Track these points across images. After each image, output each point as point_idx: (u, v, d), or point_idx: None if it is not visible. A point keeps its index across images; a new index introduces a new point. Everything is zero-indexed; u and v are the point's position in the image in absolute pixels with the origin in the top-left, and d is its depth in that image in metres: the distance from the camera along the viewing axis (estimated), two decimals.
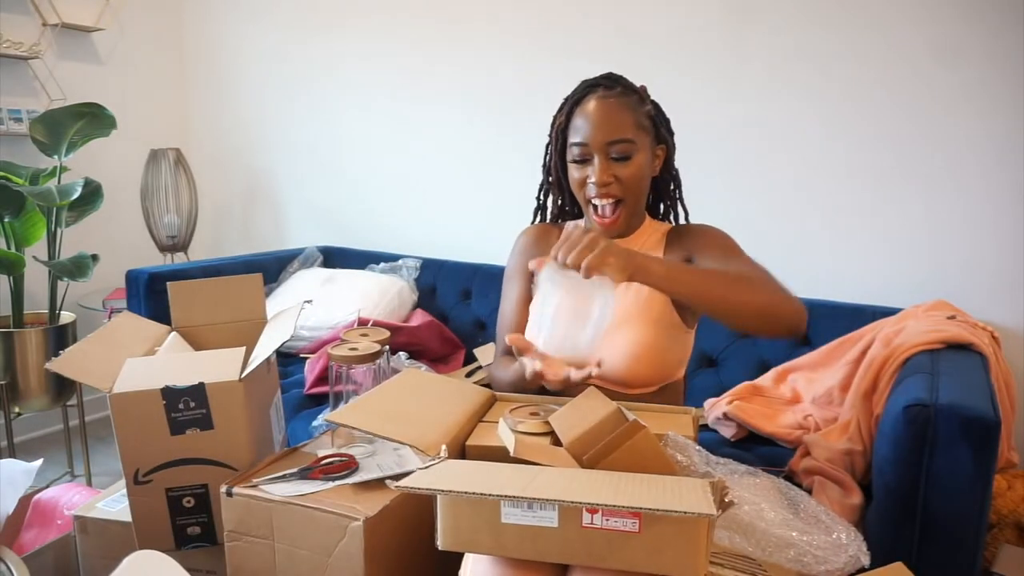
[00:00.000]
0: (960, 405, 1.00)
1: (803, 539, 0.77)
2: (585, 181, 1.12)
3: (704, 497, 0.65)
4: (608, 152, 1.09)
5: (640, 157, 1.11)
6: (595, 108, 1.11)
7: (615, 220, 1.13)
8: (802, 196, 1.79)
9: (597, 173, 1.09)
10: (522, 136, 2.18)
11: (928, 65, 1.60)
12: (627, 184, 1.10)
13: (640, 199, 1.16)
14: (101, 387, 0.98)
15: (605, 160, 1.10)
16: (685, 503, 0.63)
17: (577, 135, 1.12)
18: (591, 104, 1.12)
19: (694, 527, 0.65)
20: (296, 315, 1.18)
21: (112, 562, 0.86)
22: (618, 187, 1.10)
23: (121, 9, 2.74)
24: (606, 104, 1.11)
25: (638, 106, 1.13)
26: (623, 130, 1.09)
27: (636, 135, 1.10)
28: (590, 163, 1.11)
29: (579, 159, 1.12)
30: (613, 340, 1.11)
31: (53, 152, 2.26)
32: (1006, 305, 1.58)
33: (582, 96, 1.15)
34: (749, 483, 0.87)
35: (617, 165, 1.10)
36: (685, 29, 1.87)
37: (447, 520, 0.71)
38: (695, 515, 0.61)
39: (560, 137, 1.18)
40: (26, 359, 2.21)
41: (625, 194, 1.11)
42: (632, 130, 1.10)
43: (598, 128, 1.09)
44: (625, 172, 1.10)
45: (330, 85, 2.60)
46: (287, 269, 2.43)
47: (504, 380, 1.17)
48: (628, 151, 1.09)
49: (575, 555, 0.68)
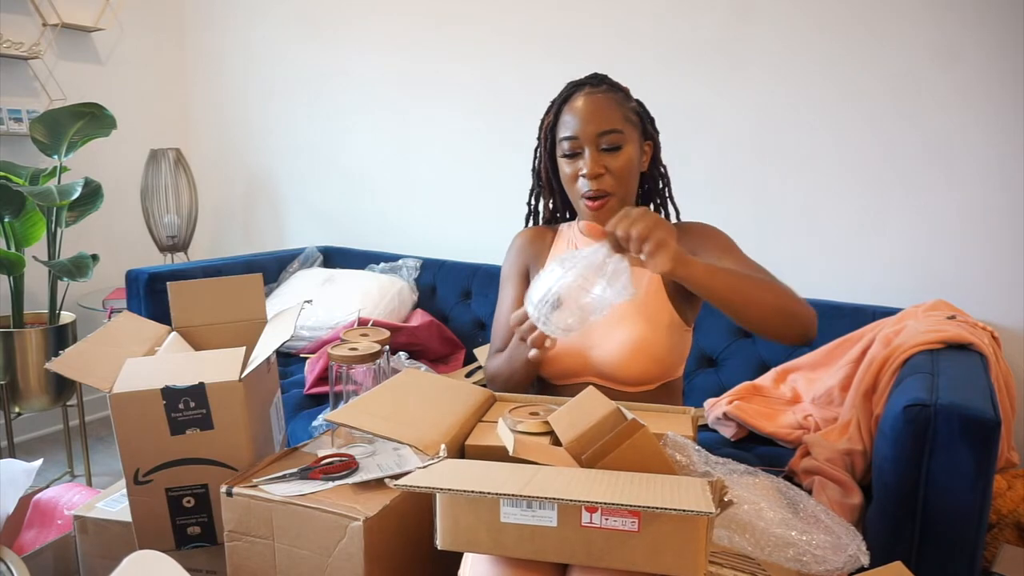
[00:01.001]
0: (960, 405, 1.00)
1: (802, 538, 0.77)
2: (577, 175, 1.13)
3: (703, 496, 0.65)
4: (599, 143, 1.10)
5: (629, 149, 1.12)
6: (584, 103, 1.12)
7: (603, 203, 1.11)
8: (801, 196, 1.79)
9: (588, 164, 1.10)
10: (522, 137, 2.18)
11: (929, 65, 1.60)
12: (618, 175, 1.11)
13: (631, 192, 1.16)
14: (101, 387, 0.98)
15: (596, 151, 1.10)
16: (684, 502, 0.63)
17: (567, 129, 1.13)
18: (579, 100, 1.13)
19: (693, 526, 0.65)
20: (296, 315, 1.18)
21: (112, 562, 0.86)
22: (610, 179, 1.11)
23: (121, 9, 2.75)
24: (594, 98, 1.12)
25: (624, 101, 1.15)
26: (612, 121, 1.10)
27: (624, 127, 1.11)
28: (581, 156, 1.12)
29: (570, 153, 1.13)
30: (612, 337, 1.11)
31: (53, 152, 2.26)
32: (1006, 305, 1.58)
33: (569, 94, 1.16)
34: (748, 483, 0.87)
35: (607, 156, 1.10)
36: (684, 31, 1.87)
37: (446, 520, 0.71)
38: (694, 513, 0.61)
39: (548, 137, 1.19)
40: (26, 359, 2.21)
41: (616, 187, 1.11)
42: (621, 122, 1.11)
43: (588, 120, 1.10)
44: (616, 163, 1.10)
45: (331, 85, 2.60)
46: (287, 269, 2.43)
47: (501, 367, 1.16)
48: (618, 141, 1.10)
49: (574, 554, 0.68)
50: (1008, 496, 1.33)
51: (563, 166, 1.15)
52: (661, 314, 1.13)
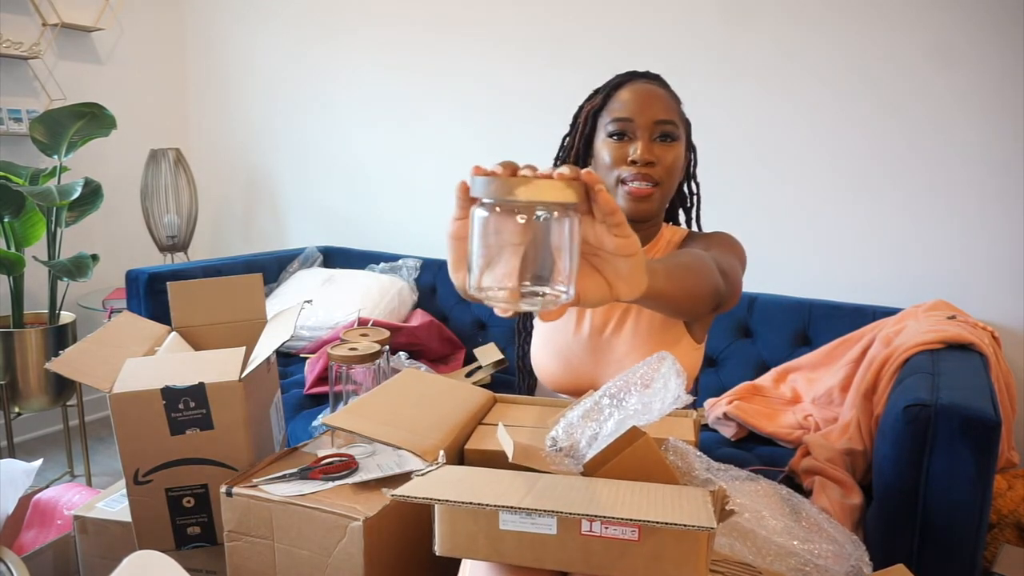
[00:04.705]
0: (960, 405, 1.00)
1: (804, 547, 0.77)
2: (624, 159, 1.02)
3: (704, 508, 0.65)
4: (653, 132, 1.02)
5: (680, 146, 1.05)
6: (643, 88, 1.06)
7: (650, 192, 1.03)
8: (802, 196, 1.79)
9: (641, 149, 1.01)
10: (521, 137, 2.19)
11: (929, 66, 1.60)
12: (668, 168, 1.02)
13: (671, 192, 1.08)
14: (101, 387, 0.98)
15: (649, 140, 1.02)
16: (686, 515, 0.63)
17: (622, 111, 1.04)
18: (638, 85, 1.07)
19: (694, 537, 0.64)
20: (296, 315, 1.18)
21: (112, 562, 0.86)
22: (660, 170, 1.02)
23: (121, 9, 2.75)
24: (653, 87, 1.06)
25: (678, 103, 1.09)
26: (670, 112, 1.04)
27: (680, 124, 1.06)
28: (631, 141, 1.03)
29: (618, 133, 1.03)
30: (616, 356, 1.07)
31: (53, 152, 2.26)
32: (1006, 305, 1.58)
33: (624, 81, 1.09)
34: (750, 489, 0.86)
35: (661, 147, 1.02)
36: (680, 38, 1.88)
37: (444, 526, 0.71)
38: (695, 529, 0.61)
39: (589, 122, 1.10)
40: (26, 359, 2.21)
41: (664, 178, 1.03)
42: (677, 117, 1.06)
43: (647, 105, 1.03)
44: (668, 155, 1.03)
45: (331, 85, 2.60)
46: (287, 269, 2.43)
47: None
48: (674, 132, 1.03)
49: (573, 563, 0.68)
50: (1008, 496, 1.33)
51: (607, 149, 1.05)
52: (669, 330, 1.07)
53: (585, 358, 1.08)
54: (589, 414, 0.79)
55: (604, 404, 0.79)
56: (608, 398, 0.79)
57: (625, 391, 0.78)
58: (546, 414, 1.00)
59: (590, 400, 0.82)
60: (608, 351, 1.07)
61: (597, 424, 0.78)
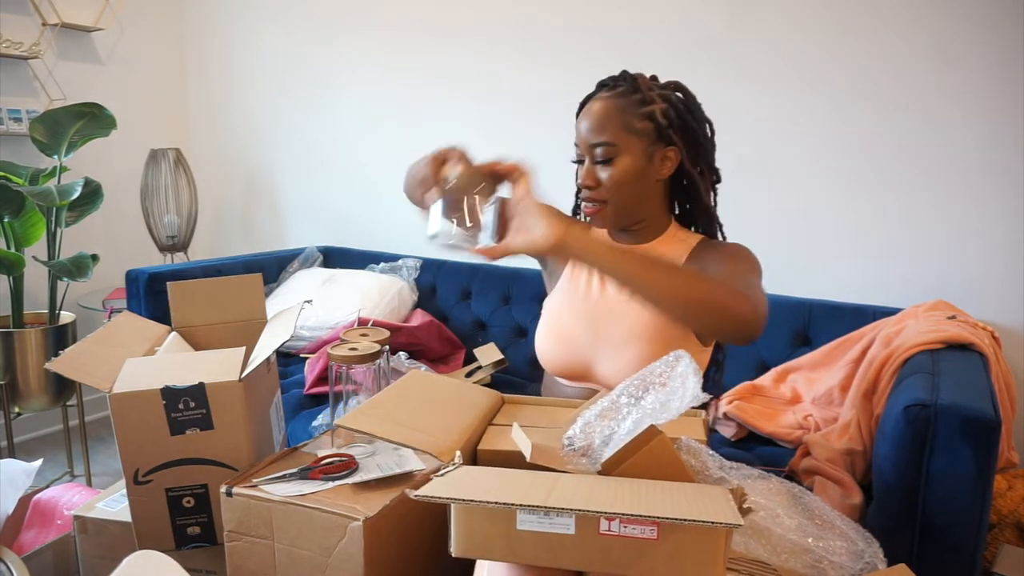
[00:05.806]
0: (960, 405, 1.00)
1: (819, 545, 0.77)
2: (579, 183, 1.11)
3: (728, 506, 0.65)
4: (593, 155, 1.07)
5: (625, 160, 1.06)
6: (586, 110, 1.10)
7: (598, 211, 1.09)
8: (802, 196, 1.79)
9: (581, 174, 1.09)
10: (521, 138, 2.18)
11: (929, 66, 1.60)
12: (608, 187, 1.07)
13: (628, 203, 1.09)
14: (101, 387, 0.98)
15: (591, 162, 1.08)
16: (709, 512, 0.63)
17: (576, 137, 1.11)
18: (588, 106, 1.10)
19: (713, 535, 0.64)
20: (296, 315, 1.18)
21: (112, 562, 0.86)
22: (603, 190, 1.08)
23: (121, 9, 2.75)
24: (596, 105, 1.09)
25: (634, 107, 1.07)
26: (604, 133, 1.06)
27: (620, 137, 1.06)
28: (583, 163, 1.10)
29: (576, 159, 1.12)
30: (620, 359, 1.08)
31: (53, 152, 2.26)
32: (1006, 305, 1.58)
33: (584, 102, 1.13)
34: (762, 487, 0.86)
35: (600, 167, 1.07)
36: (678, 39, 1.88)
37: (461, 527, 0.70)
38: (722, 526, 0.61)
39: None
40: (26, 359, 2.21)
41: (610, 195, 1.08)
42: (616, 132, 1.06)
43: (587, 129, 1.08)
44: (606, 175, 1.07)
45: (331, 85, 2.60)
46: (287, 269, 2.43)
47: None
48: (609, 154, 1.06)
49: (591, 562, 0.67)
50: (1008, 496, 1.33)
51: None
52: (672, 334, 1.07)
53: (584, 342, 1.12)
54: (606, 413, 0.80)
55: (622, 403, 0.79)
56: (627, 396, 0.79)
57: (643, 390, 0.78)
58: (556, 414, 1.00)
59: (607, 399, 0.82)
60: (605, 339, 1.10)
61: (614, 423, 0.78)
